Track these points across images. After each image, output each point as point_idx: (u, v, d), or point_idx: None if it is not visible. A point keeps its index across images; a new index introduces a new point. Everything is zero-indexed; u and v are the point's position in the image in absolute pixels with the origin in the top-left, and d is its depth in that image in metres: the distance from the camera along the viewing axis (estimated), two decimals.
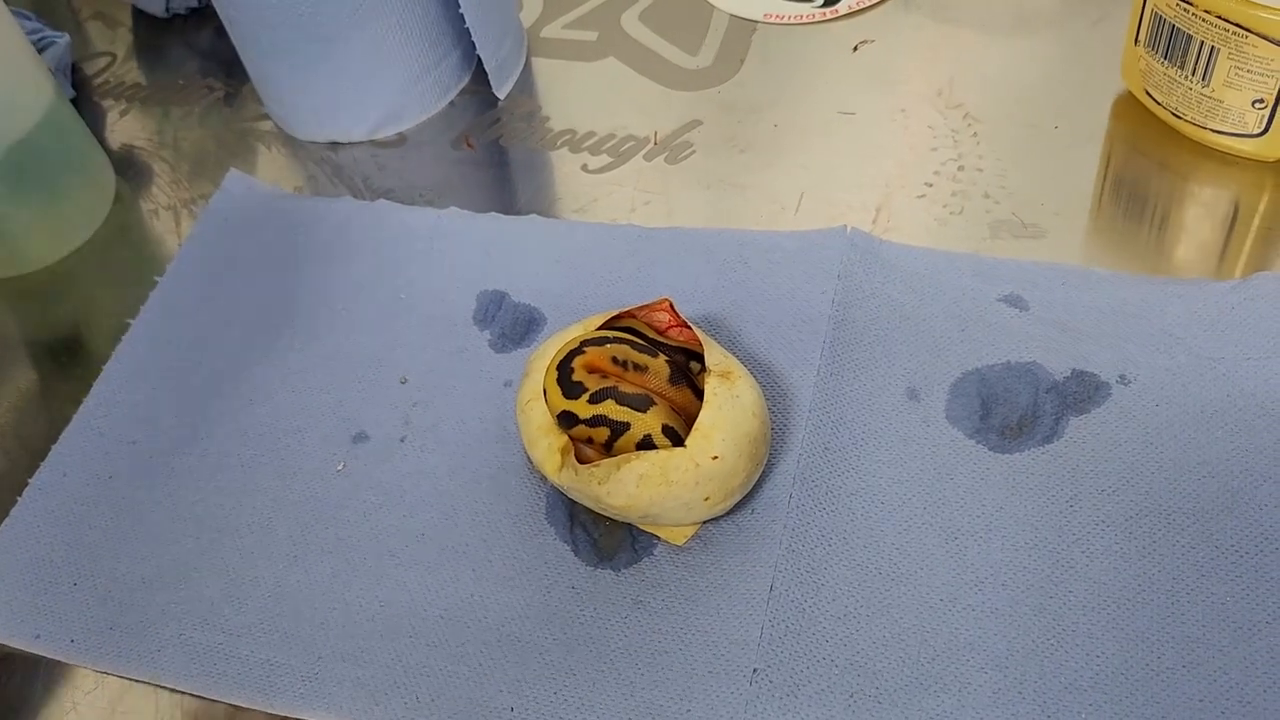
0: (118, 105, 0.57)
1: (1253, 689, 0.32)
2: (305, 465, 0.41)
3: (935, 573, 0.36)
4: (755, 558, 0.37)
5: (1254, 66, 0.41)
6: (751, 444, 0.36)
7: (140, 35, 0.60)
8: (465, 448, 0.41)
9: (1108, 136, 0.47)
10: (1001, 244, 0.44)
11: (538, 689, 0.35)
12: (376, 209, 0.49)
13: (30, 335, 0.48)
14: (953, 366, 0.40)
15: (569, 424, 0.36)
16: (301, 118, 0.52)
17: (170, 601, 0.38)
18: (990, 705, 0.33)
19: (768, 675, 0.34)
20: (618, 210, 0.48)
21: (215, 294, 0.47)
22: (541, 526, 0.38)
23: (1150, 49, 0.44)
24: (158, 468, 0.42)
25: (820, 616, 0.35)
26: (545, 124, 0.52)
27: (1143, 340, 0.39)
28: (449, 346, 0.44)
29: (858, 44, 0.52)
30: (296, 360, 0.44)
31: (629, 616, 0.36)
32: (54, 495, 0.42)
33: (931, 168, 0.47)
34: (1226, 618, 0.33)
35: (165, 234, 0.51)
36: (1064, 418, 0.38)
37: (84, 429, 0.43)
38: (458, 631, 0.37)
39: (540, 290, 0.45)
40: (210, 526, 0.40)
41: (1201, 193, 0.44)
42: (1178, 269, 0.42)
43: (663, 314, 0.39)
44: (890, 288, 0.42)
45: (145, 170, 0.54)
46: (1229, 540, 0.35)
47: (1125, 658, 0.33)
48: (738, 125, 0.50)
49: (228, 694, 0.36)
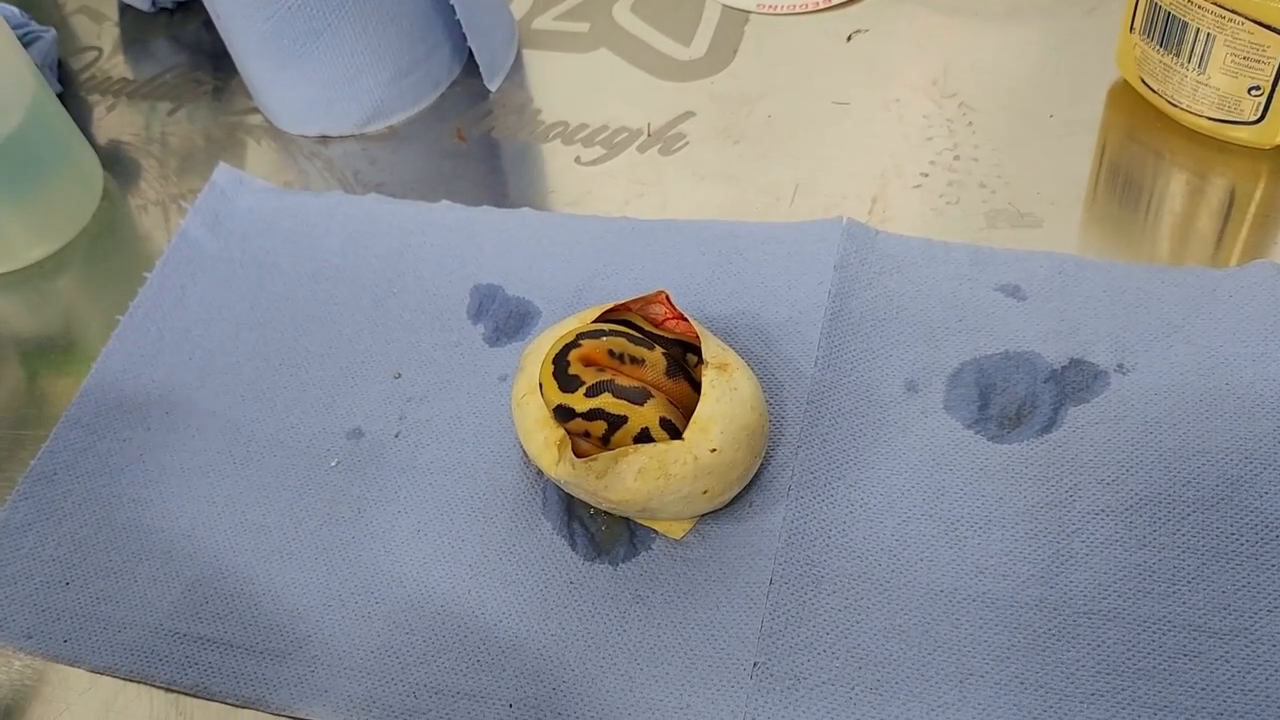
0: (105, 100, 0.57)
1: (1255, 676, 0.32)
2: (299, 461, 0.41)
3: (935, 564, 0.35)
4: (754, 550, 0.36)
5: (1250, 53, 0.41)
6: (750, 436, 0.36)
7: (127, 29, 0.60)
8: (460, 443, 0.41)
9: (1103, 125, 0.46)
10: (998, 233, 0.43)
11: (536, 685, 0.35)
12: (367, 203, 0.48)
13: (19, 332, 0.48)
14: (950, 357, 0.40)
15: (565, 418, 0.36)
16: (291, 111, 0.52)
17: (164, 600, 0.38)
18: (992, 695, 0.33)
19: (768, 668, 0.34)
20: (611, 203, 0.47)
21: (205, 290, 0.47)
22: (538, 521, 0.38)
23: (1145, 36, 0.44)
24: (149, 465, 0.42)
25: (820, 609, 0.35)
26: (537, 116, 0.51)
27: (1140, 329, 0.39)
28: (443, 341, 0.43)
29: (851, 34, 0.52)
30: (289, 356, 0.44)
31: (628, 611, 0.36)
32: (45, 494, 0.41)
33: (927, 157, 0.46)
34: (1228, 605, 0.33)
35: (154, 229, 0.50)
36: (1063, 407, 0.38)
37: (74, 426, 0.43)
38: (455, 627, 0.36)
39: (534, 284, 0.45)
40: (204, 524, 0.40)
41: (1198, 180, 0.44)
42: (1175, 257, 0.42)
43: (659, 306, 0.39)
44: (887, 278, 0.42)
45: (133, 165, 0.53)
46: (1229, 528, 0.35)
47: (1127, 646, 0.33)
48: (731, 116, 0.50)
49: (223, 693, 0.36)
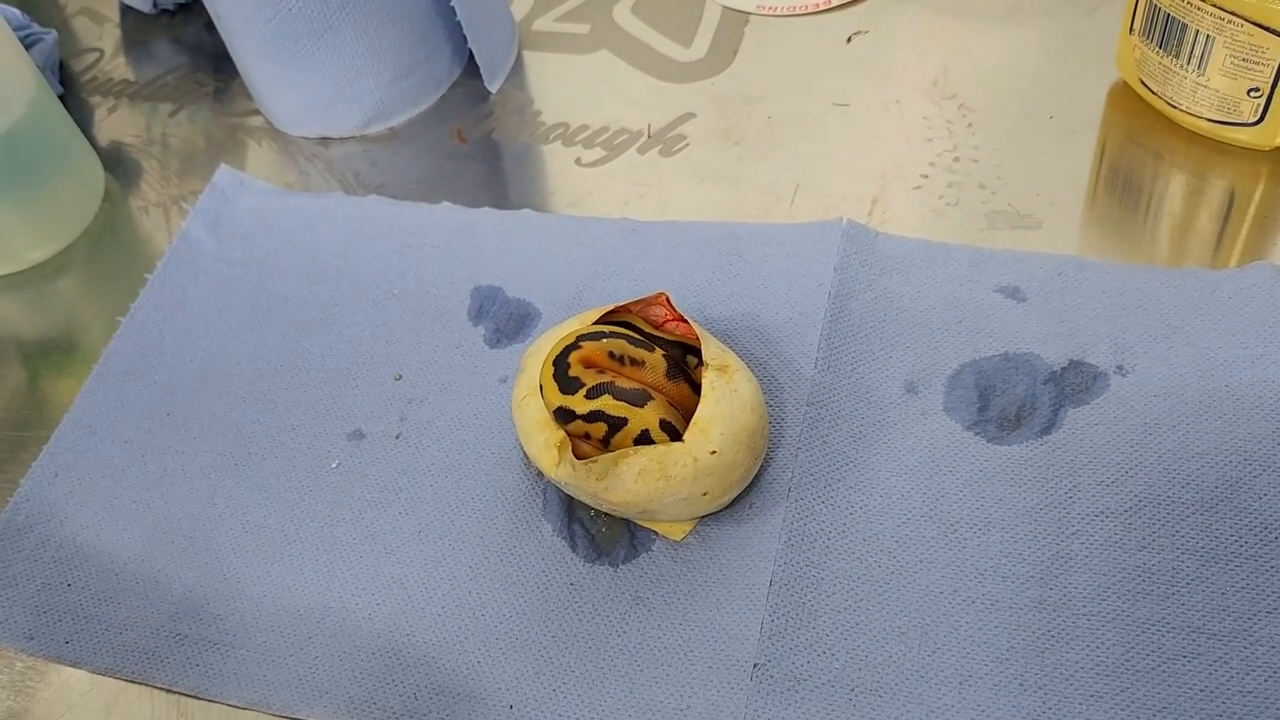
0: (106, 102, 0.57)
1: (1254, 678, 0.32)
2: (300, 463, 0.41)
3: (935, 565, 0.35)
4: (754, 552, 0.36)
5: (1250, 55, 0.41)
6: (750, 438, 0.36)
7: (128, 31, 0.60)
8: (461, 444, 0.41)
9: (1103, 126, 0.46)
10: (998, 235, 0.44)
11: (537, 686, 0.35)
12: (368, 205, 0.48)
13: (21, 333, 0.48)
14: (950, 358, 0.40)
15: (566, 419, 0.36)
16: (292, 113, 0.52)
17: (165, 601, 0.38)
18: (991, 697, 0.33)
19: (768, 670, 0.34)
20: (612, 204, 0.47)
21: (206, 292, 0.47)
22: (538, 523, 0.38)
23: (1145, 38, 0.44)
24: (151, 466, 0.42)
25: (820, 610, 0.35)
26: (538, 118, 0.51)
27: (1140, 330, 0.39)
28: (443, 342, 0.44)
29: (852, 35, 0.52)
30: (290, 357, 0.44)
31: (628, 612, 0.36)
32: (47, 495, 0.41)
33: (927, 159, 0.46)
34: (1227, 607, 0.33)
35: (155, 231, 0.51)
36: (1062, 408, 0.38)
37: (75, 428, 0.43)
38: (455, 629, 0.36)
39: (535, 285, 0.45)
40: (205, 525, 0.40)
41: (1197, 182, 0.44)
42: (1174, 258, 0.42)
43: (659, 308, 0.39)
44: (887, 280, 0.42)
45: (135, 167, 0.53)
46: (1228, 529, 0.35)
47: (1126, 648, 0.33)
48: (732, 117, 0.50)
49: (224, 694, 0.36)
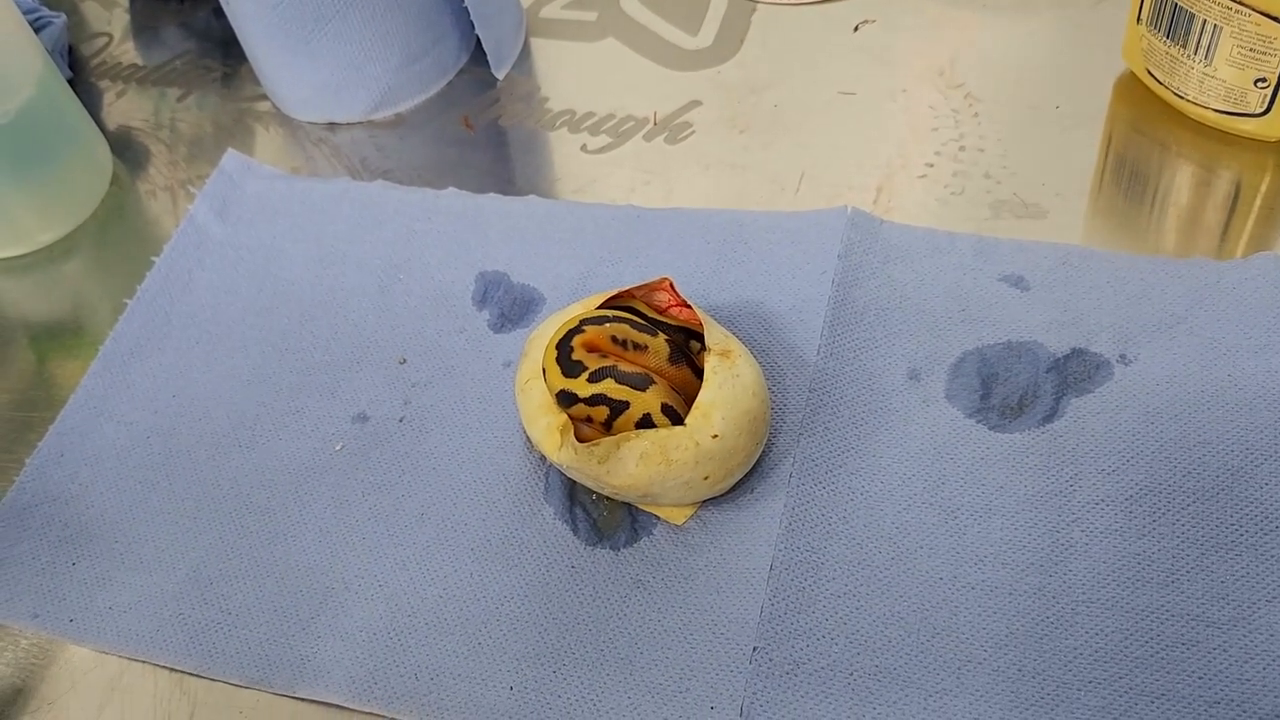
0: (114, 86, 0.57)
1: (1253, 666, 0.32)
2: (304, 445, 0.41)
3: (935, 551, 0.36)
4: (755, 536, 0.37)
5: (1257, 45, 0.41)
6: (751, 423, 0.36)
7: (137, 16, 0.60)
8: (464, 428, 0.41)
9: (1109, 116, 0.46)
10: (1002, 224, 0.43)
11: (537, 668, 0.35)
12: (374, 190, 0.49)
13: (29, 315, 0.48)
14: (953, 346, 0.40)
15: (568, 403, 0.36)
16: (299, 98, 0.52)
17: (168, 581, 0.38)
18: (990, 682, 0.33)
19: (767, 653, 0.34)
20: (617, 191, 0.48)
21: (212, 275, 0.47)
22: (540, 506, 0.38)
23: (1152, 28, 0.44)
24: (155, 448, 0.42)
25: (820, 595, 0.35)
26: (544, 104, 0.52)
27: (1143, 320, 0.39)
28: (448, 327, 0.44)
29: (858, 24, 0.52)
30: (295, 341, 0.44)
31: (628, 596, 0.36)
32: (52, 475, 0.42)
33: (932, 148, 0.46)
34: (1226, 595, 0.33)
35: (162, 215, 0.51)
36: (1064, 397, 0.38)
37: (82, 409, 0.43)
38: (457, 611, 0.36)
39: (539, 271, 0.45)
40: (209, 506, 0.40)
41: (1203, 173, 0.44)
42: (1179, 249, 0.42)
43: (663, 293, 0.39)
44: (891, 268, 0.42)
45: (142, 151, 0.54)
46: (1229, 518, 0.35)
47: (1125, 635, 0.33)
48: (738, 105, 0.50)
49: (226, 673, 0.36)
